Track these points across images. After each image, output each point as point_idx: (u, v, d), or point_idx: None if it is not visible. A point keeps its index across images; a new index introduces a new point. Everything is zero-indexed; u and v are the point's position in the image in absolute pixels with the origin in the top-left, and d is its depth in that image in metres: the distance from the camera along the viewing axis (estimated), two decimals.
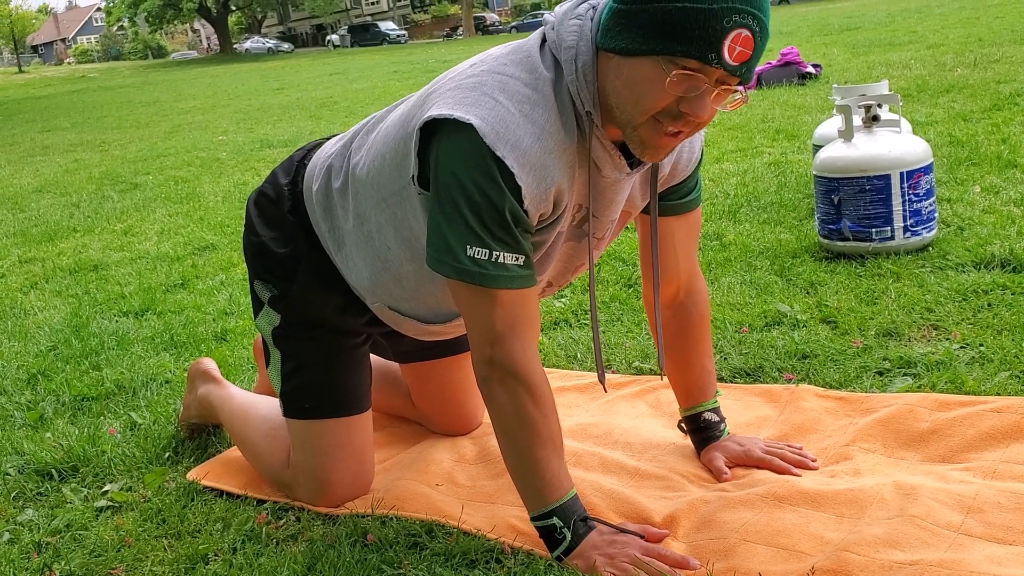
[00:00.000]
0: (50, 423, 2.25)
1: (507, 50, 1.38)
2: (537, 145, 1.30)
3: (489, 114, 1.28)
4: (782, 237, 3.07)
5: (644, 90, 1.25)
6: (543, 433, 1.36)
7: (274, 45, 47.20)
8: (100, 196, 6.08)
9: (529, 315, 1.36)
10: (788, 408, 1.83)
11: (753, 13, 1.20)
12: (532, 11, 48.64)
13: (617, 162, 1.38)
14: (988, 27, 10.76)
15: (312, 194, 1.62)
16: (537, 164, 1.30)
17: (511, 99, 1.30)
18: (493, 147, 1.27)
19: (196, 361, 2.08)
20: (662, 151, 1.33)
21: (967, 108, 5.19)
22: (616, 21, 1.26)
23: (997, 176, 3.48)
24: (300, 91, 15.56)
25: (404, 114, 1.44)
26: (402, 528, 1.55)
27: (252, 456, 1.82)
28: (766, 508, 1.46)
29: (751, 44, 1.22)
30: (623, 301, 2.66)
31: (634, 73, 1.26)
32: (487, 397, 1.38)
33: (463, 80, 1.34)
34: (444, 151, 1.31)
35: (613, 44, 1.27)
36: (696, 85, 1.24)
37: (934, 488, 1.44)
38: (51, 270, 4.03)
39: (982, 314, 2.20)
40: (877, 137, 2.78)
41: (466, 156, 1.28)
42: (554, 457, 1.37)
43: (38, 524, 1.74)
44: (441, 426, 1.92)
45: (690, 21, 1.19)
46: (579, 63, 1.31)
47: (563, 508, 1.37)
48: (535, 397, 1.35)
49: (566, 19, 1.34)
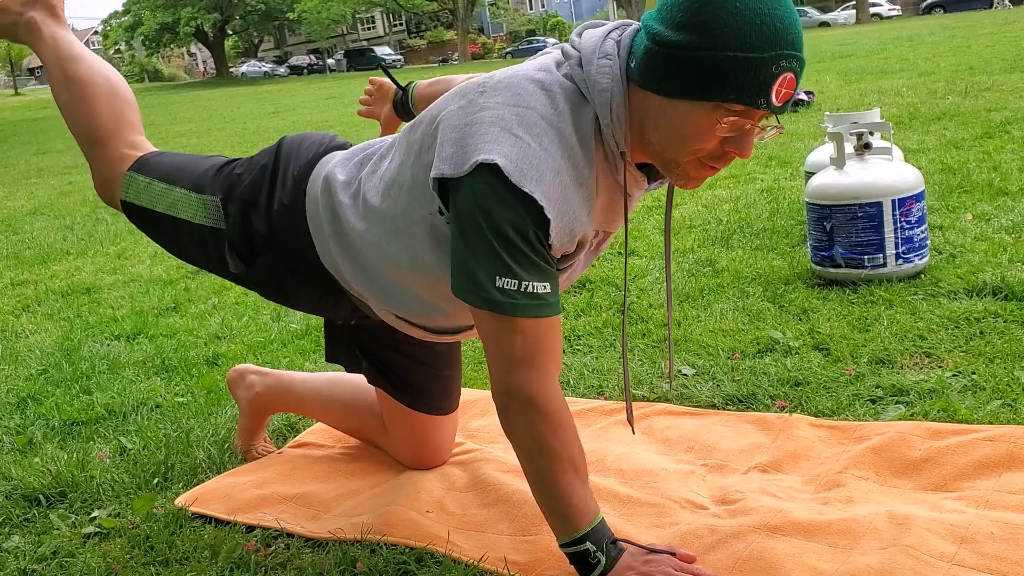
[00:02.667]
0: (39, 448, 2.23)
1: (521, 76, 1.36)
2: (556, 180, 1.30)
3: (512, 151, 1.28)
4: (775, 263, 3.08)
5: (691, 133, 1.27)
6: (564, 460, 1.35)
7: (270, 69, 47.38)
8: (94, 219, 6.08)
9: (552, 346, 1.36)
10: (781, 436, 1.83)
11: (797, 56, 1.24)
12: (527, 37, 48.95)
13: (641, 184, 1.42)
14: (979, 55, 10.86)
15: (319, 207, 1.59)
16: (559, 198, 1.31)
17: (530, 133, 1.29)
18: (519, 184, 1.27)
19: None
20: (700, 181, 1.36)
21: (958, 136, 5.22)
22: (658, 63, 1.26)
23: (988, 204, 3.50)
24: (296, 115, 15.62)
25: (418, 143, 1.42)
26: (391, 556, 1.54)
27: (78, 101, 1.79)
28: (759, 539, 1.45)
29: (794, 84, 1.25)
30: (616, 327, 2.66)
31: (680, 117, 1.27)
32: (507, 426, 1.38)
33: (478, 113, 1.32)
34: (468, 188, 1.30)
35: (656, 86, 1.28)
36: (742, 126, 1.26)
37: (927, 518, 1.44)
38: (43, 293, 4.02)
39: (974, 342, 2.20)
40: (869, 165, 2.80)
41: (492, 192, 1.28)
42: (578, 483, 1.37)
43: (24, 551, 1.72)
44: (407, 458, 1.90)
45: (741, 69, 1.21)
46: (613, 105, 1.32)
47: (593, 532, 1.36)
48: (554, 425, 1.35)
49: (595, 57, 1.33)
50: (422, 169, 1.40)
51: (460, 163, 1.30)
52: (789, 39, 1.23)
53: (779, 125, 1.32)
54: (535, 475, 1.38)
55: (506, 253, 1.29)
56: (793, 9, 1.26)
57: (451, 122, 1.34)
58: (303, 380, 2.05)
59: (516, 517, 1.63)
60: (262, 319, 3.23)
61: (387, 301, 1.57)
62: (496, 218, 1.28)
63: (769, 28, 1.21)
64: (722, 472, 1.73)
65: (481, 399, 2.22)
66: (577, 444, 1.38)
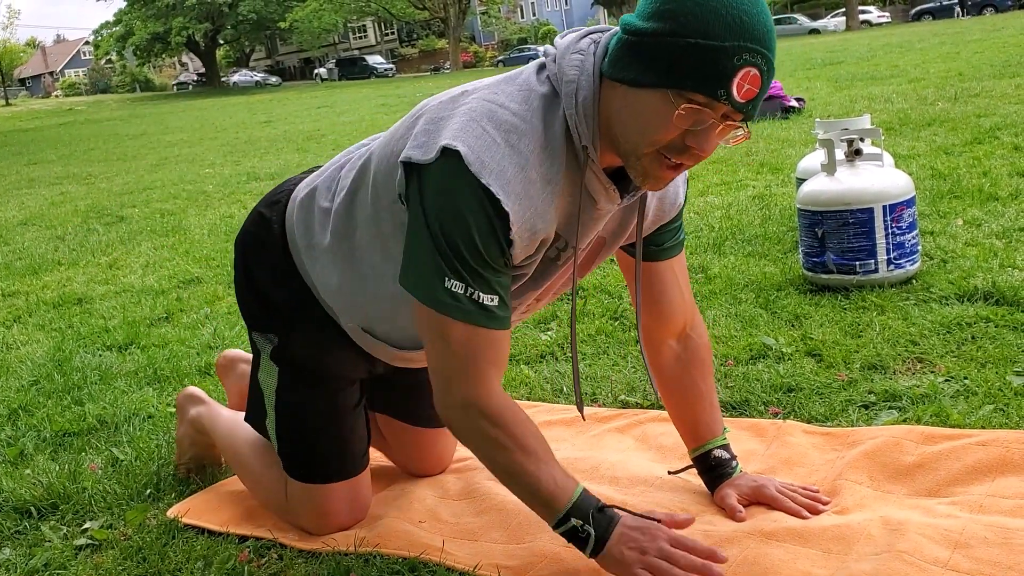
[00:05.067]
0: (30, 459, 2.22)
1: (502, 79, 1.39)
2: (520, 175, 1.30)
3: (476, 143, 1.29)
4: (767, 270, 3.08)
5: (651, 122, 1.26)
6: (517, 447, 1.36)
7: (262, 78, 47.40)
8: (85, 229, 6.06)
9: (492, 357, 1.35)
10: (775, 443, 1.83)
11: (763, 52, 1.22)
12: (519, 45, 49.06)
13: (611, 194, 1.39)
14: (968, 62, 10.92)
15: (294, 220, 1.62)
16: (521, 194, 1.30)
17: (498, 128, 1.30)
18: (478, 175, 1.27)
19: (182, 390, 2.07)
20: (663, 182, 1.34)
21: (948, 142, 5.25)
22: (625, 52, 1.27)
23: (979, 209, 3.51)
24: (287, 124, 15.62)
25: (393, 134, 1.44)
26: (385, 566, 1.54)
27: (250, 480, 1.82)
28: (752, 545, 1.45)
29: (759, 83, 1.23)
30: (609, 334, 2.66)
31: (642, 104, 1.26)
32: (458, 437, 1.40)
33: (454, 107, 1.35)
34: (430, 175, 1.31)
35: (621, 75, 1.27)
36: (702, 119, 1.24)
37: (921, 523, 1.44)
38: (35, 304, 4.01)
39: (966, 347, 2.20)
40: (860, 171, 2.81)
41: (452, 180, 1.28)
42: (544, 465, 1.37)
43: (15, 563, 1.71)
44: (409, 468, 1.91)
45: (701, 57, 1.20)
46: (579, 97, 1.31)
47: (576, 507, 1.36)
48: (493, 417, 1.35)
49: (568, 52, 1.34)
50: (389, 155, 1.41)
51: (428, 149, 1.31)
52: (755, 34, 1.21)
53: (745, 128, 1.29)
54: (499, 472, 1.39)
55: (459, 251, 1.29)
56: (765, 8, 1.24)
57: (429, 116, 1.37)
58: None
59: (509, 525, 1.63)
60: None
61: (351, 309, 1.56)
62: (453, 212, 1.28)
63: (734, 19, 1.20)
64: None
65: None
66: (529, 431, 1.38)
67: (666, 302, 1.62)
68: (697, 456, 1.69)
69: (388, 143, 1.44)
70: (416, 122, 1.39)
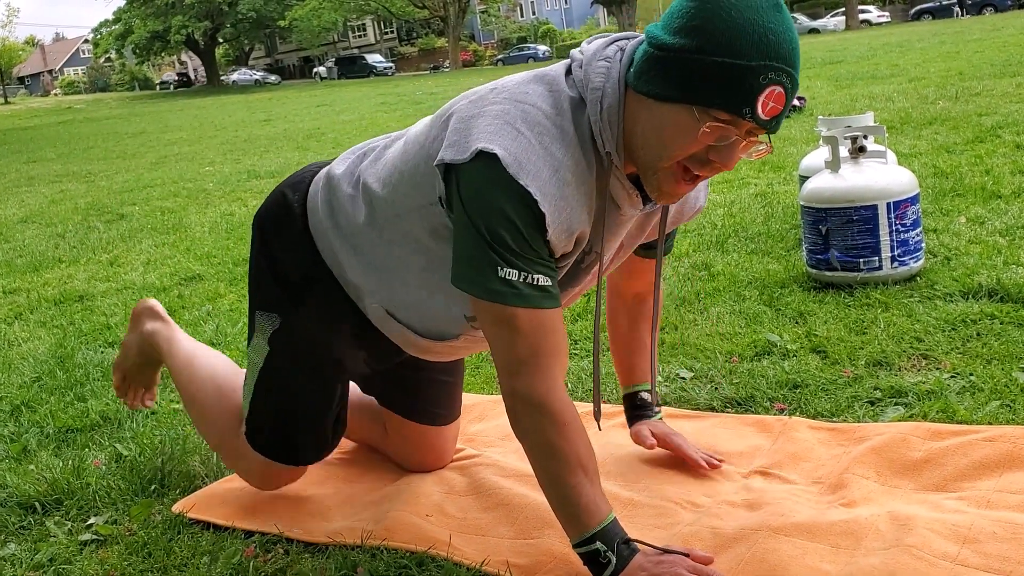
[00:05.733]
0: (34, 455, 2.22)
1: (530, 78, 1.39)
2: (555, 177, 1.31)
3: (512, 145, 1.29)
4: (770, 267, 3.08)
5: (674, 137, 1.28)
6: (572, 460, 1.35)
7: (261, 77, 47.38)
8: (86, 227, 6.06)
9: (555, 343, 1.36)
10: (781, 438, 1.83)
11: (788, 71, 1.23)
12: (518, 44, 49.05)
13: (634, 200, 1.40)
14: (968, 61, 10.92)
15: (318, 201, 1.61)
16: (556, 195, 1.31)
17: (532, 130, 1.31)
18: (516, 177, 1.28)
19: (142, 300, 2.05)
20: (676, 197, 1.36)
21: (950, 140, 5.24)
22: (651, 65, 1.28)
23: (982, 207, 3.51)
24: (287, 122, 15.60)
25: (426, 135, 1.44)
26: (392, 560, 1.53)
27: (198, 412, 1.86)
28: (761, 541, 1.45)
29: (783, 100, 1.25)
30: None
31: (666, 119, 1.28)
32: (515, 428, 1.39)
33: (486, 107, 1.35)
34: (468, 174, 1.31)
35: (646, 87, 1.29)
36: (727, 135, 1.26)
37: (929, 518, 1.43)
38: (36, 301, 4.00)
39: (971, 343, 2.20)
40: (864, 168, 2.80)
41: (490, 181, 1.29)
42: (587, 483, 1.37)
43: (20, 558, 1.71)
44: (410, 463, 1.91)
45: (728, 75, 1.22)
46: (604, 104, 1.32)
47: (604, 532, 1.36)
48: (559, 425, 1.35)
49: (595, 59, 1.35)
50: (425, 159, 1.41)
51: (463, 149, 1.31)
52: (781, 53, 1.23)
53: (768, 143, 1.32)
54: (544, 476, 1.39)
55: (507, 243, 1.30)
56: (791, 24, 1.26)
57: (460, 115, 1.37)
58: None
59: (516, 520, 1.63)
60: None
61: (380, 291, 1.56)
62: (495, 208, 1.29)
63: (761, 37, 1.21)
64: (722, 474, 1.73)
65: (479, 403, 2.22)
66: (584, 443, 1.38)
67: (637, 275, 1.74)
68: (627, 394, 1.86)
69: (422, 144, 1.44)
70: (447, 122, 1.39)
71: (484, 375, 2.45)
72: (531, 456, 1.39)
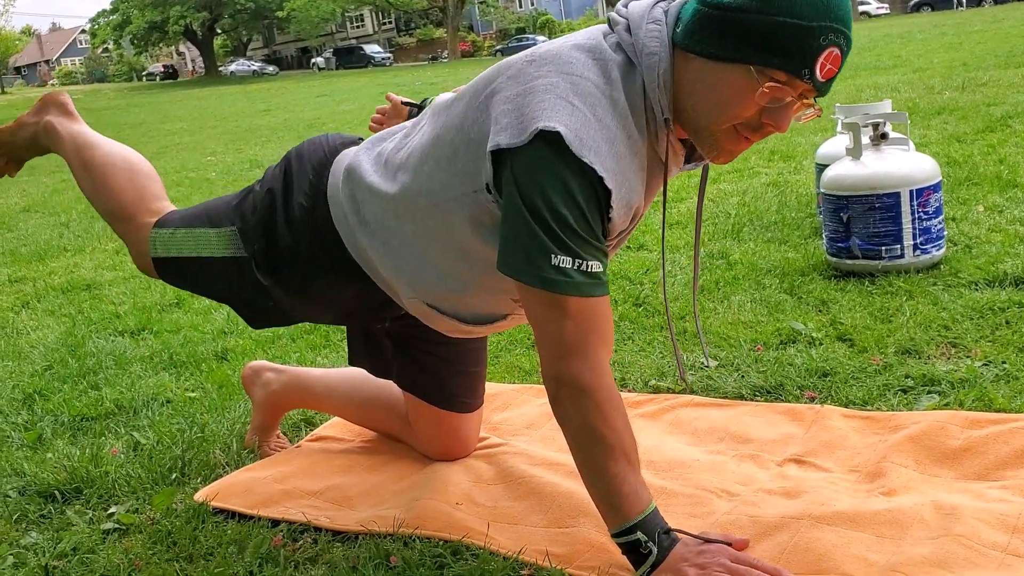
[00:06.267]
0: (49, 443, 2.19)
1: (570, 46, 1.33)
2: (612, 151, 1.27)
3: (571, 120, 1.25)
4: (788, 256, 3.05)
5: (730, 97, 1.25)
6: (616, 448, 1.31)
7: (259, 67, 47.22)
8: (89, 216, 6.02)
9: (603, 329, 1.32)
10: (814, 426, 1.80)
11: (845, 33, 1.23)
12: (516, 35, 48.91)
13: (679, 159, 1.38)
14: (971, 52, 10.89)
15: (340, 195, 1.55)
16: (615, 170, 1.28)
17: (585, 102, 1.26)
18: (580, 155, 1.24)
19: (53, 92, 2.00)
20: (734, 156, 1.33)
21: (960, 130, 5.21)
22: (704, 24, 1.25)
23: (999, 196, 3.48)
24: (287, 112, 15.55)
25: (461, 116, 1.38)
26: (425, 549, 1.50)
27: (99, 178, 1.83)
28: (803, 529, 1.42)
29: (839, 62, 1.24)
30: (633, 320, 2.62)
31: (721, 79, 1.25)
32: (558, 413, 1.34)
33: (533, 82, 1.29)
34: (527, 157, 1.26)
35: (700, 47, 1.25)
36: (782, 97, 1.24)
37: (975, 507, 1.41)
38: (43, 289, 3.97)
39: (1000, 331, 2.17)
40: (885, 155, 2.77)
41: (552, 163, 1.24)
42: (630, 471, 1.33)
43: (43, 548, 1.68)
44: (434, 452, 1.87)
45: (788, 35, 1.20)
46: (660, 69, 1.29)
47: (645, 522, 1.32)
48: (604, 412, 1.31)
49: (644, 22, 1.31)
50: (465, 144, 1.36)
51: (519, 131, 1.26)
52: (839, 13, 1.22)
53: (817, 106, 1.30)
54: (586, 462, 1.34)
55: (563, 229, 1.25)
56: None
57: (504, 94, 1.31)
58: (320, 378, 2.01)
59: (549, 509, 1.60)
60: None
61: (417, 286, 1.51)
62: (556, 191, 1.25)
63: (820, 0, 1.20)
64: (756, 462, 1.70)
65: (503, 392, 2.19)
66: (629, 432, 1.34)
67: None
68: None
69: (459, 128, 1.37)
70: (488, 102, 1.33)
71: (504, 364, 2.42)
72: (573, 442, 1.35)
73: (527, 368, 2.37)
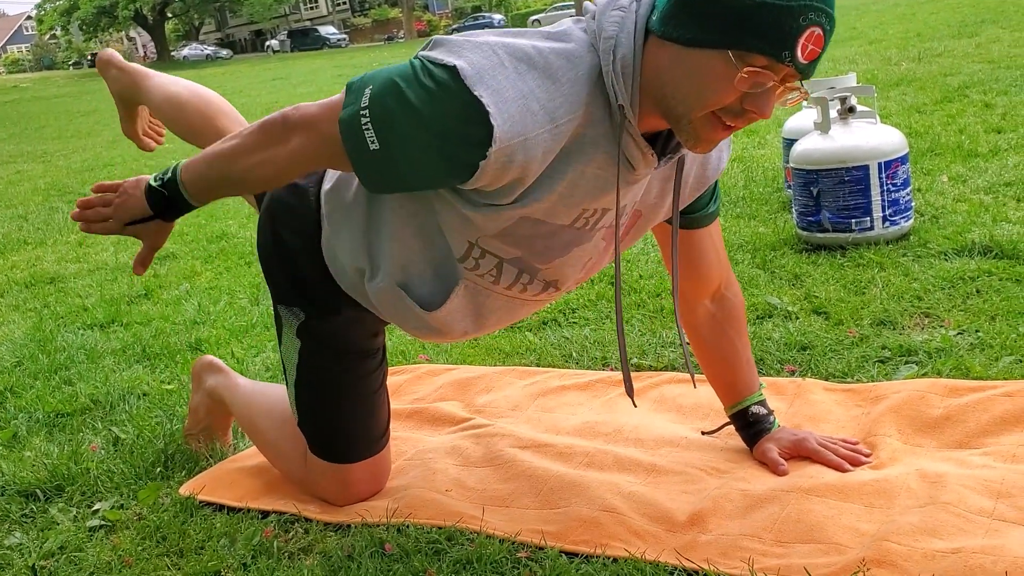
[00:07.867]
0: (26, 441, 2.15)
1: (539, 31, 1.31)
2: (519, 102, 1.21)
3: (479, 60, 1.21)
4: (759, 230, 3.08)
5: (709, 84, 1.21)
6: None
7: (212, 51, 46.50)
8: (48, 207, 5.91)
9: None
10: (797, 400, 1.82)
11: (827, 11, 1.18)
12: (473, 14, 48.61)
13: (648, 159, 1.32)
14: (924, 22, 11.00)
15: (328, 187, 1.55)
16: (515, 118, 1.20)
17: (510, 55, 1.22)
18: (472, 87, 1.19)
19: (198, 359, 2.01)
20: (713, 144, 1.28)
21: (919, 100, 5.28)
22: (680, 9, 1.20)
23: (962, 165, 3.53)
24: (244, 96, 15.33)
25: None
26: (420, 536, 1.51)
27: (270, 452, 1.79)
28: (793, 501, 1.44)
29: (822, 43, 1.19)
30: (610, 299, 2.63)
31: (698, 65, 1.21)
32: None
33: (471, 38, 1.27)
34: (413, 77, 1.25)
35: (675, 33, 1.21)
36: (763, 82, 1.20)
37: (959, 474, 1.44)
38: (5, 284, 3.89)
39: (972, 300, 2.21)
40: (853, 128, 2.80)
41: (435, 87, 1.22)
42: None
43: (29, 548, 1.65)
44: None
45: (766, 17, 1.15)
46: (617, 54, 1.25)
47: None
48: None
49: (608, 9, 1.28)
50: None
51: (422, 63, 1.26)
52: None
53: (802, 89, 1.26)
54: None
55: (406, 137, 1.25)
56: None
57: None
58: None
59: (540, 491, 1.61)
60: (239, 303, 3.16)
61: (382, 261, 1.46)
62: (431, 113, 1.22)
63: None
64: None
65: (485, 375, 2.19)
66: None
67: (704, 266, 1.60)
68: (735, 413, 1.67)
69: None
70: None
71: (484, 347, 2.42)
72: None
73: (507, 350, 2.37)
